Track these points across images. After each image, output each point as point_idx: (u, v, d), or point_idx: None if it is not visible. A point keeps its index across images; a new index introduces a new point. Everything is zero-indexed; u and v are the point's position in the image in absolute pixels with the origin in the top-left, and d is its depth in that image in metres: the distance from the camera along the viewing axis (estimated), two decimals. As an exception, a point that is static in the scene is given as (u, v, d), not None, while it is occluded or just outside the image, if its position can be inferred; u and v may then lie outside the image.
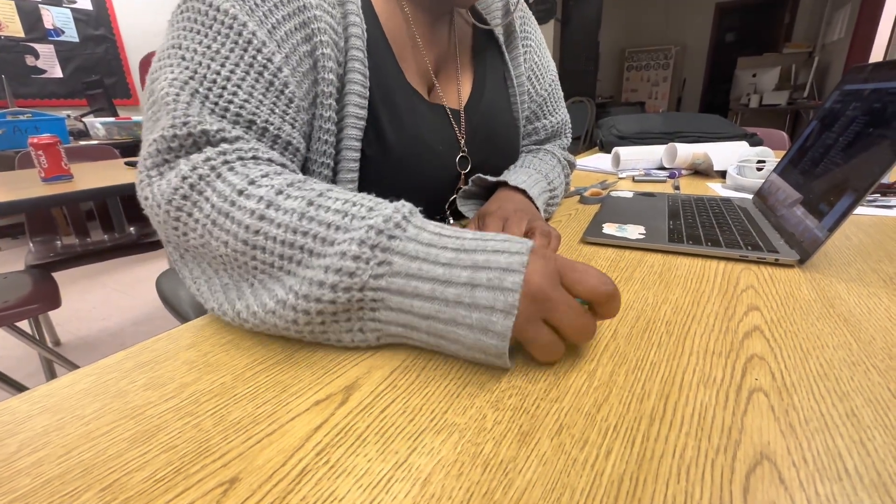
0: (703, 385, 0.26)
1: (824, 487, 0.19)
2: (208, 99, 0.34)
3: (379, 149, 0.46)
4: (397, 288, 0.27)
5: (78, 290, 2.06)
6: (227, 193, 0.30)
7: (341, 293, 0.27)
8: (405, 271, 0.27)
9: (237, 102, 0.35)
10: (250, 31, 0.35)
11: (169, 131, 0.32)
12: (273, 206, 0.29)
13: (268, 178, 0.31)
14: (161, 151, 0.33)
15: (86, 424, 0.24)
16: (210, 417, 0.24)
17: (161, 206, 0.31)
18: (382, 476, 0.20)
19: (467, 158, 0.54)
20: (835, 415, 0.23)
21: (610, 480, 0.20)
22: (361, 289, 0.27)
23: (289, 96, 0.38)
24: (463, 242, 0.28)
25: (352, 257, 0.27)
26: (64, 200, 1.01)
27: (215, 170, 0.31)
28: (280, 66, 0.37)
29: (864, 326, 0.32)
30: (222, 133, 0.33)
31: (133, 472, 0.21)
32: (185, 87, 0.34)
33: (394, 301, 0.27)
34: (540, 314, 0.26)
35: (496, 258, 0.26)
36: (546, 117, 0.67)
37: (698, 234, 0.50)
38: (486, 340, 0.25)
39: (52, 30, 2.95)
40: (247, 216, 0.29)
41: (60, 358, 1.26)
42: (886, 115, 0.43)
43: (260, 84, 0.36)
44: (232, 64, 0.35)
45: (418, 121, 0.49)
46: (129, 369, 0.29)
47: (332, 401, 0.25)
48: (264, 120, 0.36)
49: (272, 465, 0.21)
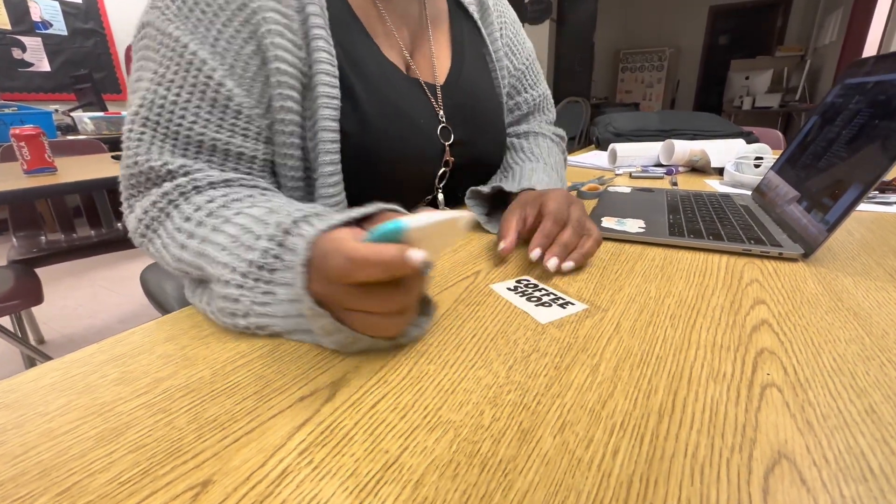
0: (712, 380, 0.24)
1: (849, 489, 0.17)
2: (160, 125, 0.37)
3: (358, 124, 0.44)
4: (282, 312, 0.29)
5: (63, 286, 2.01)
6: (171, 231, 0.35)
7: (228, 317, 0.30)
8: (289, 298, 0.29)
9: (185, 125, 0.37)
10: (191, 51, 0.37)
11: (125, 171, 0.38)
12: (195, 237, 0.33)
13: (199, 212, 0.34)
14: (126, 188, 0.38)
15: (48, 422, 0.22)
16: (184, 414, 0.22)
17: (135, 238, 0.38)
18: (371, 477, 0.19)
19: (449, 130, 0.53)
20: (853, 411, 0.22)
21: (618, 482, 0.18)
22: (245, 315, 0.29)
23: (235, 108, 0.38)
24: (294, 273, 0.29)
25: (235, 286, 0.29)
26: (47, 193, 0.98)
27: (163, 211, 0.36)
28: (222, 80, 0.37)
29: (875, 320, 0.30)
30: (167, 166, 0.36)
31: (96, 474, 0.19)
32: (137, 116, 0.37)
33: (279, 324, 0.29)
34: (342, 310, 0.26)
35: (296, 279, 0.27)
36: (527, 91, 0.66)
37: (699, 229, 0.49)
38: (326, 341, 0.28)
39: (39, 22, 2.89)
40: (176, 250, 0.34)
41: (43, 356, 1.22)
42: (891, 107, 0.42)
43: (205, 103, 0.37)
44: (177, 87, 0.37)
45: (396, 93, 0.48)
46: (100, 363, 0.27)
47: (317, 397, 0.24)
48: (211, 138, 0.38)
49: (250, 465, 0.19)
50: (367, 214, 0.29)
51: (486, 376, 0.25)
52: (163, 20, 0.37)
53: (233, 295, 0.29)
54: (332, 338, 0.27)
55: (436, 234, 0.24)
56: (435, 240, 0.25)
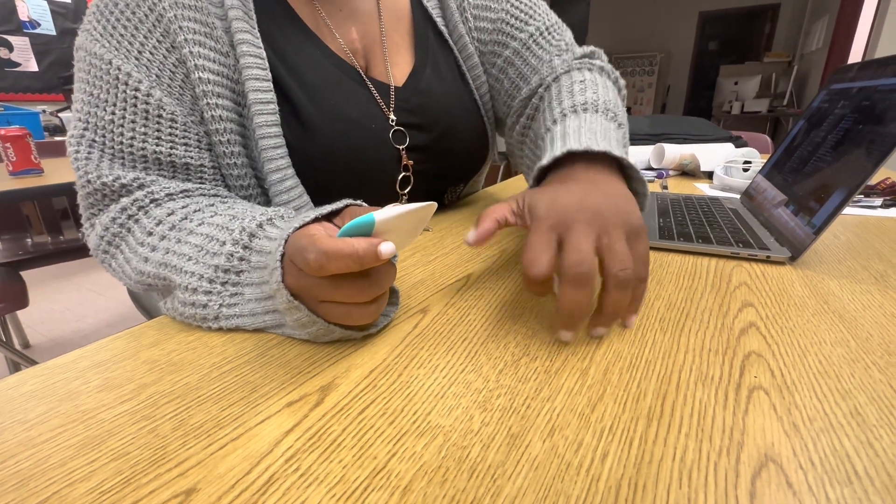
0: (701, 383, 0.24)
1: (834, 491, 0.18)
2: (105, 145, 0.37)
3: (302, 132, 0.43)
4: (249, 311, 0.30)
5: (50, 290, 1.98)
6: (133, 246, 0.35)
7: (199, 321, 0.31)
8: (256, 297, 0.30)
9: (125, 142, 0.37)
10: (116, 66, 0.37)
11: (81, 190, 0.38)
12: (157, 250, 0.34)
13: (161, 226, 0.35)
14: (85, 207, 0.38)
15: (28, 430, 0.22)
16: (169, 421, 0.22)
17: (97, 255, 0.38)
18: (358, 484, 0.18)
19: (403, 133, 0.50)
20: (839, 413, 0.22)
21: (607, 486, 0.18)
22: (216, 318, 0.31)
23: (169, 118, 0.38)
24: (265, 271, 0.30)
25: (203, 292, 0.31)
26: (33, 195, 0.96)
27: (124, 226, 0.36)
28: (149, 90, 0.37)
29: (860, 323, 0.31)
30: (120, 180, 0.36)
31: (76, 483, 0.19)
32: (83, 140, 0.37)
33: (247, 322, 0.31)
34: (314, 300, 0.27)
35: (272, 275, 0.27)
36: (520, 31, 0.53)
37: (689, 232, 0.50)
38: (299, 333, 0.29)
39: (27, 22, 2.85)
40: (139, 263, 0.34)
41: (29, 360, 1.20)
42: (875, 113, 0.43)
43: (138, 117, 0.37)
44: (111, 105, 0.37)
45: (340, 96, 0.46)
46: (83, 369, 0.27)
47: (305, 402, 0.23)
48: (153, 151, 0.38)
49: (235, 473, 0.19)
50: (335, 210, 0.30)
51: (475, 380, 0.25)
52: (91, 41, 0.38)
53: (201, 301, 0.30)
54: (306, 330, 0.28)
55: (403, 224, 0.26)
56: (402, 230, 0.26)
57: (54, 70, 2.95)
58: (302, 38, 0.46)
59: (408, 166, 0.51)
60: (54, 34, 2.96)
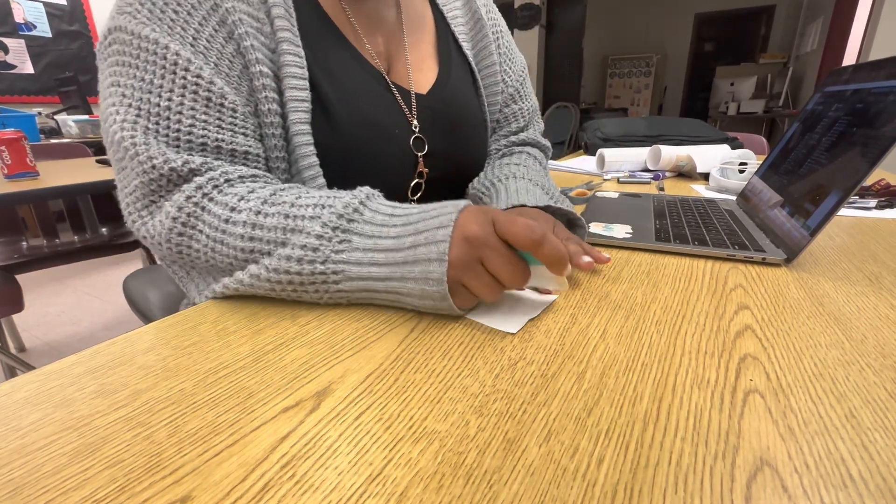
0: (696, 387, 0.24)
1: (829, 495, 0.18)
2: (160, 133, 0.36)
3: (330, 132, 0.44)
4: (356, 260, 0.32)
5: (46, 293, 1.97)
6: (217, 223, 0.34)
7: (306, 265, 0.32)
8: (363, 246, 0.32)
9: (184, 130, 0.36)
10: (173, 52, 0.35)
11: (144, 177, 0.35)
12: (261, 214, 0.34)
13: (244, 201, 0.35)
14: (145, 195, 0.36)
15: (21, 437, 0.22)
16: (164, 428, 0.22)
17: (162, 244, 0.36)
18: (354, 491, 0.18)
19: (423, 140, 0.51)
20: (834, 417, 0.22)
21: (603, 491, 0.18)
22: (324, 262, 0.32)
23: (230, 107, 0.38)
24: (409, 217, 0.33)
25: (315, 236, 0.32)
26: (28, 198, 0.96)
27: (199, 205, 0.35)
28: (211, 78, 0.37)
29: (855, 325, 0.31)
30: (189, 165, 0.35)
31: (70, 492, 0.18)
32: (137, 126, 0.35)
33: (353, 271, 0.32)
34: (476, 259, 0.31)
35: (432, 221, 0.31)
36: (523, 100, 0.64)
37: (685, 234, 0.50)
38: (429, 288, 0.30)
39: (23, 24, 2.84)
40: (239, 229, 0.34)
41: (24, 365, 1.19)
42: (869, 115, 0.43)
43: (199, 104, 0.36)
44: (167, 91, 0.36)
45: (369, 100, 0.47)
46: (77, 375, 0.26)
47: (301, 408, 0.23)
48: (214, 139, 0.37)
49: (231, 480, 0.19)
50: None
51: (472, 385, 0.25)
52: (135, 24, 0.36)
53: (312, 244, 0.32)
54: (422, 301, 0.31)
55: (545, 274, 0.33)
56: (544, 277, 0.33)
57: (50, 72, 2.94)
58: (334, 40, 0.46)
59: (422, 173, 0.52)
60: (50, 36, 2.96)
